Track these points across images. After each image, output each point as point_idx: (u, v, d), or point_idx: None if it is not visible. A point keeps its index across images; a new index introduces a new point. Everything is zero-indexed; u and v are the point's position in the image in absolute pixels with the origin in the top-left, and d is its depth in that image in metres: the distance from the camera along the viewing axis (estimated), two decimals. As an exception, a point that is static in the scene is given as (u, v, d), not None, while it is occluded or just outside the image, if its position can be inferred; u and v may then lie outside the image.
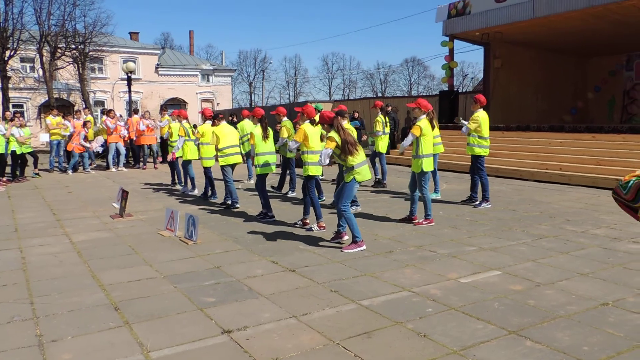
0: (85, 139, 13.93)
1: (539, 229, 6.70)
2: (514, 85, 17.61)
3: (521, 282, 4.61)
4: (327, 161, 5.72)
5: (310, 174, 6.70)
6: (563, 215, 7.62)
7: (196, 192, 10.04)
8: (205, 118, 9.43)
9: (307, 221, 6.95)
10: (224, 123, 8.51)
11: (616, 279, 4.64)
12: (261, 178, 7.43)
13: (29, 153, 12.67)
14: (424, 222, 6.98)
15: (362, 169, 5.69)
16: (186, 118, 9.98)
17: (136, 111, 15.75)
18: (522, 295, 4.25)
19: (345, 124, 7.46)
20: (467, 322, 3.73)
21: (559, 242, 6.04)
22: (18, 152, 12.07)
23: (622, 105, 19.43)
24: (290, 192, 9.84)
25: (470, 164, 8.60)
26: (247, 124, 10.18)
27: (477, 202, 8.33)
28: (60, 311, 4.01)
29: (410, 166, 7.74)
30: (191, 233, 6.19)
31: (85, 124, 14.26)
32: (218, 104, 37.57)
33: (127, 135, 14.95)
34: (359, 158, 5.68)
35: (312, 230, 6.68)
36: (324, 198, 8.79)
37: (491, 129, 15.62)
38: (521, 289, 4.43)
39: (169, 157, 10.32)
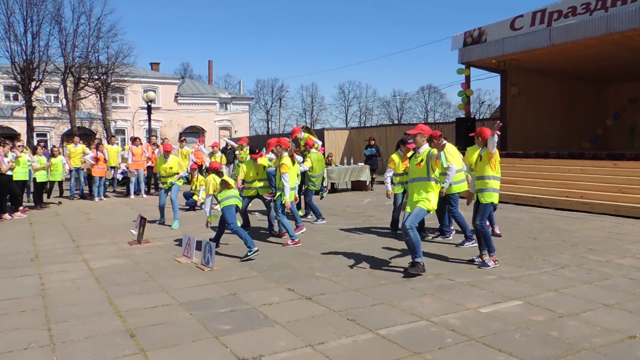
0: (96, 160, 14.03)
1: (561, 258, 6.54)
2: (532, 112, 17.52)
3: (543, 312, 4.48)
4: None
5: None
6: (585, 244, 7.45)
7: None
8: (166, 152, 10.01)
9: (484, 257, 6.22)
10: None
11: (643, 310, 4.49)
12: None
13: (58, 181, 12.98)
14: (290, 243, 7.56)
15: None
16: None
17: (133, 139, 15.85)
18: (545, 326, 4.13)
19: None
20: (487, 353, 3.63)
21: (582, 271, 5.88)
22: (39, 180, 12.29)
23: (643, 132, 19.13)
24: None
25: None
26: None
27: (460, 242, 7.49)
28: (77, 338, 4.01)
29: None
30: (208, 260, 6.20)
31: (97, 146, 14.48)
32: (236, 131, 38.07)
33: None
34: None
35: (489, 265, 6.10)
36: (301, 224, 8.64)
37: (509, 155, 15.67)
38: (543, 319, 4.30)
39: None
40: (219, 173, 7.23)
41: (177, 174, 9.81)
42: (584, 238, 7.89)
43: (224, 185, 7.02)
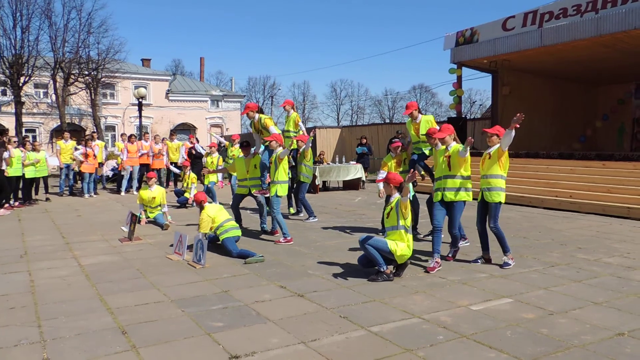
0: (86, 156, 13.87)
1: (551, 257, 6.61)
2: (522, 113, 17.67)
3: (533, 310, 4.53)
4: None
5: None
6: (574, 243, 7.53)
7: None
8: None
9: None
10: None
11: (631, 309, 4.54)
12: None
13: (43, 177, 12.84)
14: (282, 241, 7.54)
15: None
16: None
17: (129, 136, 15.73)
18: (535, 324, 4.17)
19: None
20: (479, 350, 3.66)
21: (571, 270, 5.95)
22: (28, 176, 12.16)
23: (632, 133, 19.37)
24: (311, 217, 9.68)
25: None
26: None
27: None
28: (67, 335, 3.99)
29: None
30: (199, 257, 6.18)
31: (86, 143, 14.34)
32: (227, 129, 37.94)
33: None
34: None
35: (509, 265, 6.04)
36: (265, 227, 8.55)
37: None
38: (534, 317, 4.34)
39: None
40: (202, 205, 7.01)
41: (160, 205, 9.44)
42: (573, 237, 7.97)
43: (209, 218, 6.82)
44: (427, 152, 7.69)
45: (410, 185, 5.61)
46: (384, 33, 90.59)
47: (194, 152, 15.40)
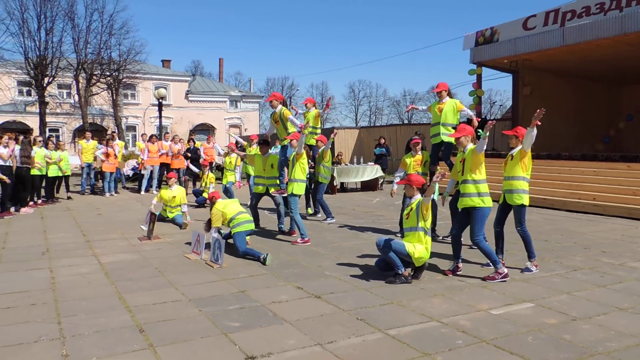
0: (107, 156, 14.06)
1: (574, 260, 6.46)
2: (543, 111, 17.38)
3: (556, 315, 4.42)
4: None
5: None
6: (598, 246, 7.36)
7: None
8: None
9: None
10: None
11: (658, 315, 4.41)
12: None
13: (65, 176, 13.06)
14: (299, 242, 7.50)
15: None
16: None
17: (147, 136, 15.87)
18: (558, 330, 4.07)
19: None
20: (499, 356, 3.58)
21: (595, 274, 5.80)
22: (51, 175, 12.38)
23: (658, 134, 18.88)
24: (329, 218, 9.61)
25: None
26: None
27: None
28: (86, 332, 4.02)
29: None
30: (217, 257, 6.19)
31: (107, 143, 14.54)
32: (246, 129, 38.14)
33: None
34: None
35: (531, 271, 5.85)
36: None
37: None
38: (556, 322, 4.24)
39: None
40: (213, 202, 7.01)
41: (180, 205, 9.47)
42: (597, 240, 7.79)
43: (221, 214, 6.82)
44: (449, 139, 7.52)
45: (437, 185, 5.45)
46: (403, 33, 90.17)
47: (189, 154, 15.37)
